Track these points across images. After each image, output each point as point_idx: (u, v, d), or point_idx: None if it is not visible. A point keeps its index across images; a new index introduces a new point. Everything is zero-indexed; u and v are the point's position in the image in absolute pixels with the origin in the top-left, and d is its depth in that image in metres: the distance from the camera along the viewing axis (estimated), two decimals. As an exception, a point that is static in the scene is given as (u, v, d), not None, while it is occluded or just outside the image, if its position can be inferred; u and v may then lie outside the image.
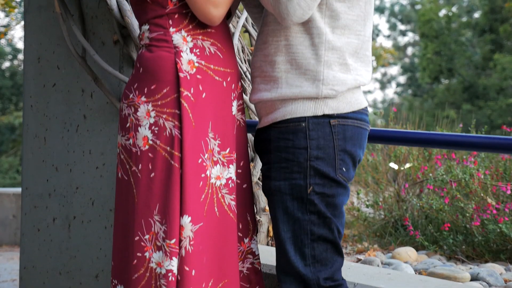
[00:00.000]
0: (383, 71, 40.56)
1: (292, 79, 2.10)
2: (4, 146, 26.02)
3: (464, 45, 23.14)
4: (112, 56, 2.89)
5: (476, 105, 22.22)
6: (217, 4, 2.06)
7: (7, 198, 6.97)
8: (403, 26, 39.33)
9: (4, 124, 25.82)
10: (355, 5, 2.12)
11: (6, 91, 26.73)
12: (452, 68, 22.49)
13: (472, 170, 4.02)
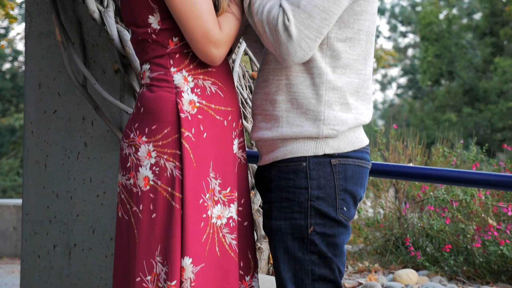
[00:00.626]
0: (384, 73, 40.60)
1: (293, 119, 2.10)
2: (4, 148, 26.03)
3: (465, 47, 23.13)
4: (113, 85, 2.89)
5: (476, 108, 22.22)
6: (218, 44, 2.06)
7: (7, 210, 6.97)
8: (404, 28, 39.36)
9: (4, 126, 25.82)
10: (356, 44, 2.12)
11: (6, 93, 26.73)
12: (452, 71, 22.48)
13: (473, 191, 4.02)
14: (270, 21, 2.00)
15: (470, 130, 22.43)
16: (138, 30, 2.11)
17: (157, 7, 2.07)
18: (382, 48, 26.95)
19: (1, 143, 26.08)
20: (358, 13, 2.09)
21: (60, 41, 2.93)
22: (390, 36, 40.09)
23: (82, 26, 2.99)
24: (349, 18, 2.08)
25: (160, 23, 2.08)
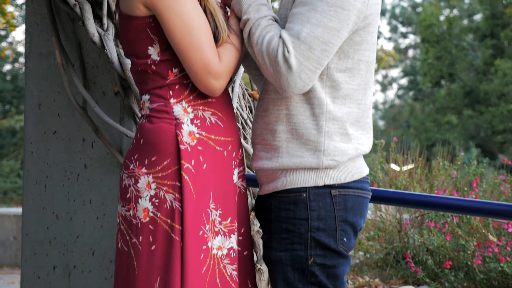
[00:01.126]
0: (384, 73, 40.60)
1: (293, 149, 2.09)
2: (5, 150, 26.02)
3: (465, 49, 23.12)
4: (113, 107, 2.88)
5: (477, 110, 22.20)
6: (218, 76, 2.05)
7: (7, 219, 6.96)
8: (404, 28, 39.35)
9: (5, 128, 25.82)
10: (356, 74, 2.11)
11: (7, 94, 26.72)
12: (453, 73, 22.47)
13: (473, 207, 4.01)
14: (270, 52, 2.00)
15: (471, 132, 22.43)
16: (137, 61, 2.10)
17: (157, 39, 2.07)
18: (383, 49, 26.89)
19: (2, 144, 26.08)
20: (358, 44, 2.09)
21: (60, 63, 2.92)
22: (390, 37, 40.13)
23: (82, 48, 2.98)
24: (349, 48, 2.08)
25: (160, 54, 2.07)
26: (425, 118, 23.21)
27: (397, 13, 38.56)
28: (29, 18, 3.18)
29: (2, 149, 26.05)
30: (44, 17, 3.09)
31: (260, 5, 2.10)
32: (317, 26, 1.97)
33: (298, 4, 2.02)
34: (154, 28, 2.06)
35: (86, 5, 2.77)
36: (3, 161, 25.04)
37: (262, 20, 2.07)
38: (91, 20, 2.75)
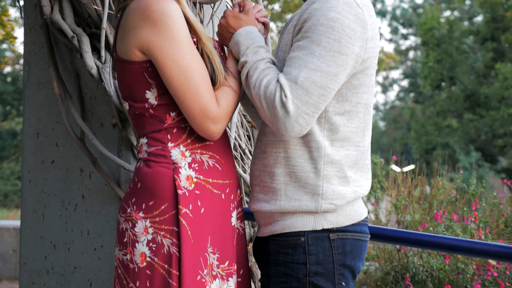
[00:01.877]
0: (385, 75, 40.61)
1: (291, 192, 2.09)
2: (5, 152, 26.03)
3: (466, 52, 23.12)
4: (111, 139, 2.87)
5: (477, 113, 22.20)
6: (217, 120, 2.04)
7: (7, 232, 6.95)
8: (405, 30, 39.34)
9: (5, 130, 25.82)
10: (354, 117, 2.10)
11: (8, 96, 26.74)
12: (453, 76, 22.47)
13: (473, 230, 4.01)
14: (268, 97, 1.99)
15: (471, 136, 22.43)
16: (135, 104, 2.09)
17: (154, 83, 2.06)
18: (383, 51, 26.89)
19: (2, 147, 26.08)
20: (356, 87, 2.08)
21: (58, 94, 2.91)
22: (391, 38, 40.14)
23: (80, 78, 2.97)
24: (347, 92, 2.07)
25: (158, 98, 2.06)
26: (426, 121, 23.22)
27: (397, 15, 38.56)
28: (28, 46, 3.17)
29: (3, 152, 26.05)
30: (43, 46, 3.08)
31: (258, 47, 2.09)
32: (315, 71, 1.96)
33: (296, 48, 2.01)
34: (151, 72, 2.05)
35: (84, 38, 2.76)
36: (3, 164, 25.05)
37: (260, 63, 2.06)
38: (89, 53, 2.74)
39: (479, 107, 22.18)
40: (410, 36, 39.22)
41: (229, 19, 2.16)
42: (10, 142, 26.01)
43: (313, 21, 1.99)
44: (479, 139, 22.76)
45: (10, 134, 25.98)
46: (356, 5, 2.02)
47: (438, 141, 22.63)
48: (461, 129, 22.15)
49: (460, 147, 22.06)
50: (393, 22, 39.13)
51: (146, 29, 2.00)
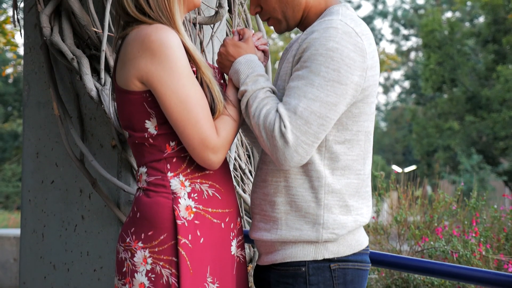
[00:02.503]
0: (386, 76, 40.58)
1: (292, 221, 2.08)
2: (7, 154, 26.03)
3: (467, 54, 23.10)
4: (110, 160, 2.87)
5: (479, 116, 22.18)
6: (216, 150, 2.04)
7: (7, 241, 6.95)
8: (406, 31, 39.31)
9: (7, 132, 25.83)
10: (355, 145, 2.10)
11: (9, 98, 26.74)
12: (455, 78, 22.45)
13: (473, 246, 4.00)
14: (267, 126, 1.98)
15: (473, 138, 22.41)
16: (135, 134, 2.08)
17: (154, 113, 2.05)
18: (385, 52, 26.90)
19: (4, 148, 26.08)
20: (356, 115, 2.07)
21: (58, 115, 2.91)
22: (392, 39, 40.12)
23: (80, 99, 2.97)
24: (348, 120, 2.06)
25: (157, 128, 2.06)
26: (427, 123, 23.20)
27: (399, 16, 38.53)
28: (27, 66, 3.16)
29: (4, 153, 26.05)
30: (42, 66, 3.08)
31: (258, 76, 2.08)
32: (314, 101, 1.95)
33: (295, 78, 2.01)
34: (151, 102, 2.04)
35: (83, 60, 2.76)
36: (5, 165, 25.05)
37: (260, 92, 2.05)
38: (89, 75, 2.73)
39: (480, 109, 22.16)
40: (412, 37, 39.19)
41: (228, 48, 2.15)
42: (12, 144, 26.01)
43: (312, 51, 1.98)
44: (481, 141, 22.74)
45: (12, 135, 25.98)
46: (355, 34, 2.01)
47: (439, 143, 22.61)
48: (462, 132, 22.13)
49: (462, 150, 22.04)
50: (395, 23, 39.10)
51: (146, 59, 1.99)
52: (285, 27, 2.19)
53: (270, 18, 2.18)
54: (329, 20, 2.02)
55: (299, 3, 2.14)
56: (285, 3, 2.13)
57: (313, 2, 2.15)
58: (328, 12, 2.11)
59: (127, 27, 2.10)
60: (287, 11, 2.14)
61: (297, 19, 2.16)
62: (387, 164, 41.10)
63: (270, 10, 2.16)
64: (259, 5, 2.17)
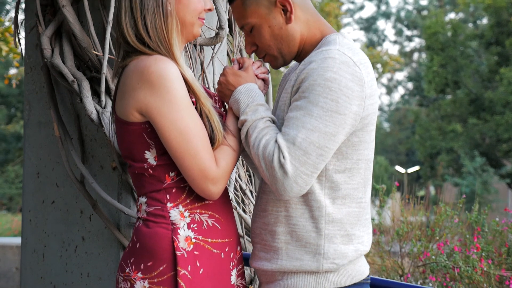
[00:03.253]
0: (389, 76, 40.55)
1: (292, 251, 2.07)
2: (10, 155, 26.07)
3: (470, 56, 23.07)
4: (111, 181, 2.86)
5: (482, 118, 22.16)
6: (216, 181, 2.03)
7: (10, 250, 6.95)
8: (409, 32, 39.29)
9: (10, 133, 25.87)
10: (356, 173, 2.09)
11: (12, 99, 26.77)
12: (458, 80, 22.43)
13: (475, 262, 3.99)
14: (266, 157, 1.98)
15: (476, 140, 22.38)
16: (134, 164, 2.08)
17: (153, 143, 2.05)
18: (388, 53, 26.89)
19: (7, 150, 26.11)
20: (356, 144, 2.07)
21: (58, 137, 2.90)
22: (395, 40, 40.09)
23: (80, 120, 2.96)
24: (348, 149, 2.06)
25: (157, 158, 2.05)
26: (430, 125, 23.18)
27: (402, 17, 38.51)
28: (28, 86, 3.16)
29: (8, 154, 26.08)
30: (43, 86, 3.08)
31: (258, 105, 2.08)
32: (313, 131, 1.95)
33: (294, 108, 2.00)
34: (150, 133, 2.04)
35: (84, 82, 2.76)
36: (8, 167, 25.09)
37: (259, 121, 2.05)
38: (89, 98, 2.73)
39: (483, 111, 22.13)
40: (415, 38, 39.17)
41: (228, 77, 2.15)
42: (15, 145, 26.05)
43: (310, 81, 1.98)
44: (484, 143, 22.71)
45: (15, 137, 26.02)
46: (353, 63, 2.00)
47: (442, 145, 22.59)
48: (465, 134, 22.11)
49: (465, 152, 22.01)
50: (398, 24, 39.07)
51: (145, 91, 1.99)
52: (282, 63, 2.19)
53: (266, 55, 2.18)
54: (326, 50, 2.02)
55: (294, 38, 2.13)
56: (279, 40, 2.13)
57: (308, 33, 2.15)
58: (325, 41, 2.11)
59: (127, 57, 2.10)
60: (283, 47, 2.14)
61: (293, 53, 2.16)
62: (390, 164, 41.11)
63: (265, 48, 2.15)
64: (254, 44, 2.17)
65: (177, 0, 2.08)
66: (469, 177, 21.16)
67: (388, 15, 39.13)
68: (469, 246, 4.19)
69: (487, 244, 4.32)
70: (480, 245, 4.22)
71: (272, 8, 2.11)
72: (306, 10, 2.15)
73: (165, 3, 2.06)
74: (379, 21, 40.30)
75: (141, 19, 2.06)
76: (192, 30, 2.14)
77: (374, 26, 40.20)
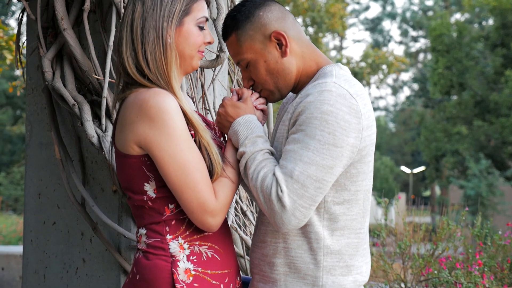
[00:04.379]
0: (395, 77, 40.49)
1: (291, 283, 2.08)
2: (16, 156, 26.15)
3: (476, 58, 23.02)
4: (111, 204, 2.87)
5: (487, 120, 22.11)
6: (215, 213, 2.03)
7: (13, 259, 6.97)
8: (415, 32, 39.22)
9: (16, 134, 25.94)
10: (354, 204, 2.09)
11: (18, 100, 26.84)
12: (463, 82, 22.38)
13: (477, 278, 3.98)
14: (264, 190, 1.98)
15: (481, 142, 22.34)
16: (134, 196, 2.09)
17: (153, 176, 2.05)
18: (393, 54, 26.83)
19: (13, 151, 26.19)
20: (354, 176, 2.07)
21: (59, 159, 2.91)
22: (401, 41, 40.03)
23: (81, 142, 2.97)
24: (346, 181, 2.06)
25: (156, 191, 2.06)
26: (435, 127, 23.14)
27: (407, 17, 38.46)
28: (30, 106, 3.17)
29: (13, 155, 26.15)
30: (45, 107, 3.08)
31: (257, 137, 2.08)
32: (310, 164, 1.95)
33: (291, 141, 2.01)
34: (149, 166, 2.04)
35: (85, 106, 2.76)
36: (14, 168, 25.17)
37: (258, 154, 2.05)
38: (90, 122, 2.74)
39: (489, 113, 22.08)
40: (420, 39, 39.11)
41: (227, 108, 2.15)
42: (20, 146, 26.12)
43: (307, 114, 1.98)
44: (489, 146, 22.66)
45: (21, 138, 26.08)
46: (350, 96, 2.00)
47: (447, 148, 22.55)
48: (470, 136, 22.06)
49: (470, 154, 21.97)
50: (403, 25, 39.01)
51: (143, 125, 1.99)
52: (279, 97, 2.20)
53: (263, 90, 2.18)
54: (323, 83, 2.02)
55: (290, 71, 2.14)
56: (275, 74, 2.13)
57: (303, 66, 2.15)
58: (321, 73, 2.11)
59: (126, 89, 2.10)
60: (279, 81, 2.14)
61: (290, 86, 2.17)
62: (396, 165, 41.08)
63: (262, 82, 2.16)
64: (251, 79, 2.17)
65: (177, 33, 2.09)
66: (474, 179, 21.10)
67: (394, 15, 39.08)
68: (471, 262, 4.18)
69: (489, 259, 4.31)
70: (483, 260, 4.21)
71: (267, 43, 2.11)
72: (301, 43, 2.15)
73: (165, 36, 2.07)
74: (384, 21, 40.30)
75: (142, 51, 2.06)
76: (191, 62, 2.14)
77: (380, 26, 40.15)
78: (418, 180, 41.60)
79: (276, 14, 2.13)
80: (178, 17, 2.08)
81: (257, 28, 2.11)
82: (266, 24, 2.11)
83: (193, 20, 2.12)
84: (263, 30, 2.11)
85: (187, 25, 2.10)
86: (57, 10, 2.82)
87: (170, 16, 2.07)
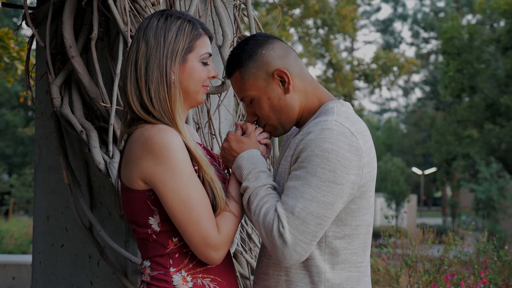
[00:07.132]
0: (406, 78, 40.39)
1: None
2: (28, 158, 26.28)
3: (487, 60, 22.91)
4: (118, 228, 2.91)
5: (498, 123, 22.02)
6: (218, 248, 2.07)
7: (24, 268, 7.03)
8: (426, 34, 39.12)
9: (28, 136, 26.07)
10: (355, 239, 2.12)
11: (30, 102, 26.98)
12: (474, 85, 22.30)
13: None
14: (266, 226, 2.02)
15: (492, 146, 22.25)
16: (139, 229, 2.13)
17: (157, 210, 2.09)
18: (404, 55, 26.78)
19: (25, 152, 26.32)
20: (355, 211, 2.10)
21: (67, 184, 2.96)
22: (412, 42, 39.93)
23: (89, 167, 3.01)
24: (347, 216, 2.09)
25: (160, 225, 2.10)
26: (446, 130, 23.07)
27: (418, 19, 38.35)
28: (39, 130, 3.22)
29: (25, 157, 26.28)
30: (53, 131, 3.13)
31: (260, 172, 2.11)
32: (311, 201, 1.99)
33: (293, 178, 2.04)
34: (154, 200, 2.08)
35: (92, 132, 2.80)
36: (26, 170, 25.28)
37: (261, 189, 2.09)
38: (97, 148, 2.78)
39: (500, 116, 22.00)
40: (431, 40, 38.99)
41: (231, 143, 2.19)
42: (32, 148, 26.24)
43: (308, 152, 2.02)
44: (500, 149, 22.57)
45: (33, 140, 26.20)
46: (351, 134, 2.04)
47: (458, 151, 22.48)
48: (481, 139, 21.98)
49: (481, 158, 21.89)
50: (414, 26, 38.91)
51: (148, 161, 2.03)
52: (282, 132, 2.23)
53: (266, 125, 2.22)
54: (324, 121, 2.05)
55: (293, 107, 2.17)
56: (278, 110, 2.17)
57: (306, 102, 2.18)
58: (323, 110, 2.14)
59: (132, 124, 2.14)
60: (282, 117, 2.18)
61: (292, 122, 2.20)
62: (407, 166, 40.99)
63: (265, 118, 2.19)
64: (255, 114, 2.21)
65: (181, 70, 2.12)
66: (485, 183, 21.03)
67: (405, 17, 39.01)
68: (477, 280, 4.20)
69: (495, 275, 4.32)
70: (488, 277, 4.23)
71: (270, 80, 2.15)
72: (303, 79, 2.19)
73: (169, 74, 2.10)
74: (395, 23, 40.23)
75: (146, 90, 2.10)
76: (196, 98, 2.17)
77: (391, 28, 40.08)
78: (429, 181, 41.47)
79: (278, 52, 2.16)
80: (181, 54, 2.12)
81: (260, 66, 2.15)
82: (268, 62, 2.15)
83: (197, 57, 2.15)
84: (266, 68, 2.15)
85: (190, 62, 2.14)
86: (66, 37, 2.87)
87: (174, 54, 2.11)
